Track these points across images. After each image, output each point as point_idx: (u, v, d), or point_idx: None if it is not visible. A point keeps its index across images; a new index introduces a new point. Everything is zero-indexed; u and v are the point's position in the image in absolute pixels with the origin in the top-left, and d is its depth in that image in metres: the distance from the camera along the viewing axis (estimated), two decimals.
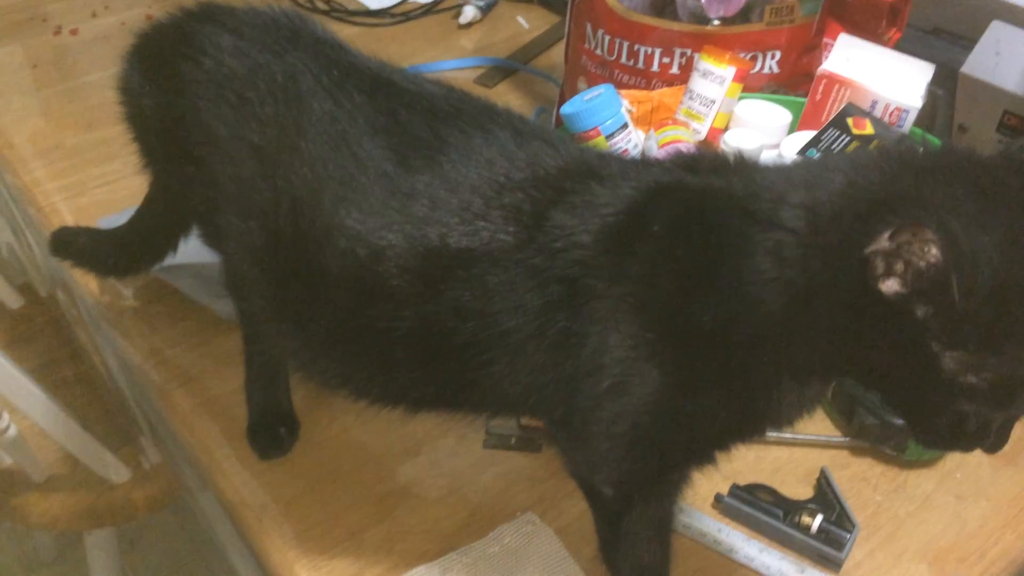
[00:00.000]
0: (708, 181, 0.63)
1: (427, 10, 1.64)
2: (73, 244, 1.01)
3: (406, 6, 1.65)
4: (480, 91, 1.21)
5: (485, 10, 1.63)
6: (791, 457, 0.92)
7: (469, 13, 1.60)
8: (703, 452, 0.67)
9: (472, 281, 0.65)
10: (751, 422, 0.65)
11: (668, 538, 0.74)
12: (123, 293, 1.10)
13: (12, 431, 1.27)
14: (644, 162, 0.71)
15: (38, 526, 1.43)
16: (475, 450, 0.93)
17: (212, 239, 0.86)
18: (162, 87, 0.79)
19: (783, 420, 0.66)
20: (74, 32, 1.57)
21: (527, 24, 1.63)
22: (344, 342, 0.72)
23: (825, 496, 0.87)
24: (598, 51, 1.14)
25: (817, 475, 0.89)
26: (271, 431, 0.92)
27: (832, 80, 1.02)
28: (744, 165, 0.64)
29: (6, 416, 1.26)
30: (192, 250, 1.06)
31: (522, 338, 0.64)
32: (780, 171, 0.62)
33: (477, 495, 0.89)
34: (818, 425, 0.95)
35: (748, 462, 0.91)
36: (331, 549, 0.84)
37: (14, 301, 1.62)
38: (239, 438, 0.93)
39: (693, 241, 0.61)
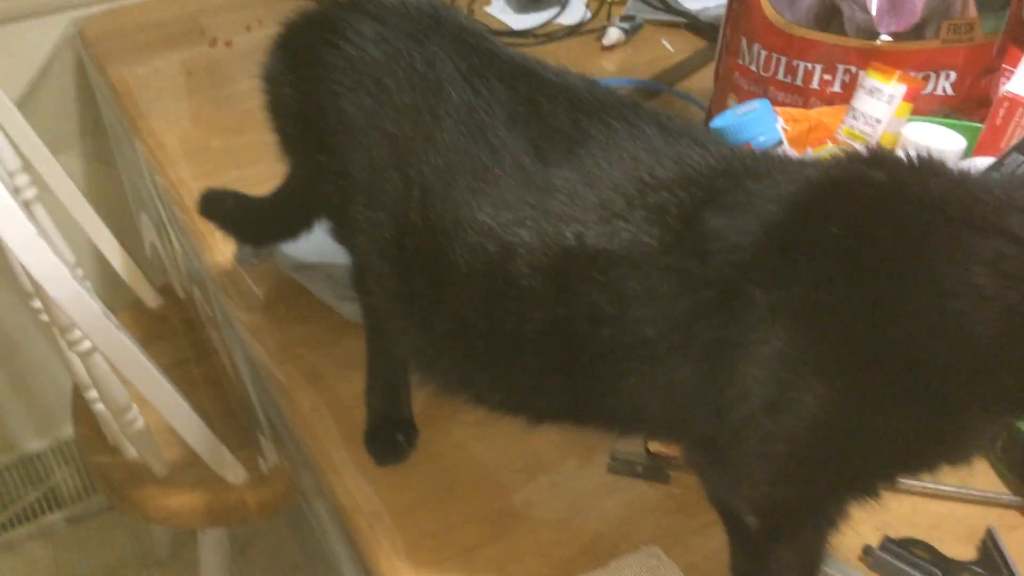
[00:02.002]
0: (898, 177, 0.56)
1: (571, 31, 1.62)
2: (220, 206, 1.02)
3: (550, 27, 1.63)
4: None
5: (630, 33, 1.59)
6: (951, 513, 0.83)
7: (613, 35, 1.57)
8: (866, 483, 0.59)
9: (610, 285, 0.60)
10: (926, 454, 0.57)
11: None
12: (254, 291, 1.10)
13: (140, 423, 1.29)
14: (804, 160, 0.65)
15: (156, 520, 1.45)
16: (598, 474, 0.88)
17: (341, 234, 0.84)
18: (303, 74, 0.78)
19: (961, 456, 0.58)
20: (228, 44, 1.61)
21: (672, 48, 1.58)
22: (468, 342, 0.69)
23: (991, 559, 0.77)
24: (752, 67, 1.08)
25: (982, 536, 0.79)
26: (389, 437, 0.89)
27: (1016, 103, 0.93)
28: (938, 165, 0.56)
29: (135, 408, 1.28)
30: (324, 251, 1.05)
31: (664, 349, 0.59)
32: (987, 175, 0.54)
33: (597, 522, 0.83)
34: (982, 479, 0.85)
35: (902, 514, 0.82)
36: (441, 564, 0.80)
37: (152, 300, 1.66)
38: (357, 442, 0.90)
39: (883, 244, 0.54)
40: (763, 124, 0.94)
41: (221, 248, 1.15)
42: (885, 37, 1.02)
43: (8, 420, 1.96)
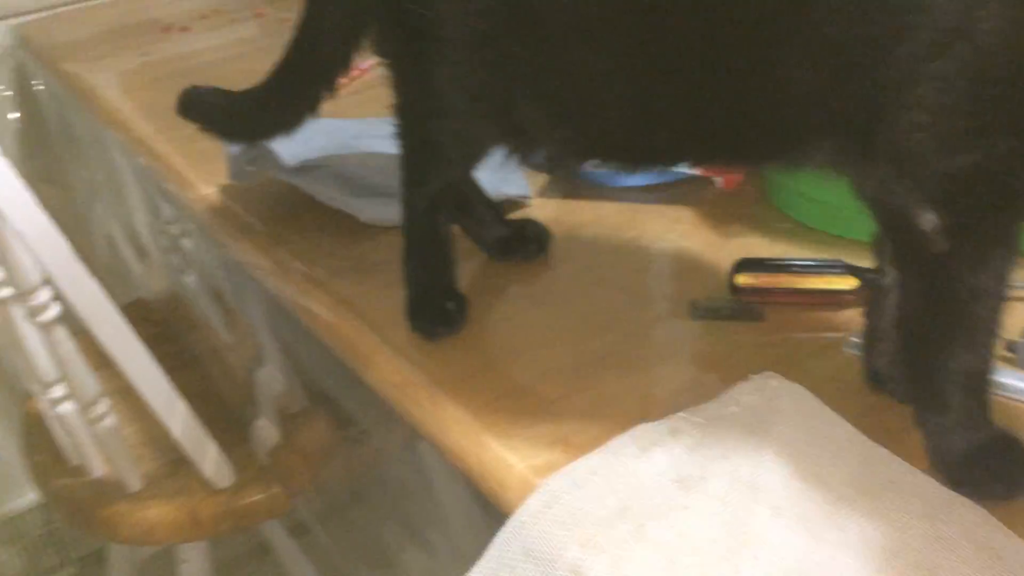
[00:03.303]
0: None
1: None
2: (202, 103, 0.90)
3: None
4: None
5: None
6: None
7: None
8: None
9: None
10: None
11: (999, 323, 0.56)
12: (248, 220, 0.98)
13: (110, 420, 1.14)
14: None
15: (130, 540, 1.27)
16: (681, 323, 0.77)
17: (393, 31, 0.72)
18: None
19: None
20: (185, 29, 1.54)
21: None
22: (587, 41, 0.59)
23: None
24: None
25: None
26: (437, 306, 0.76)
27: None
28: None
29: (105, 401, 1.13)
30: (326, 147, 0.95)
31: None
32: None
33: (693, 364, 0.72)
34: None
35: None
36: (524, 418, 0.67)
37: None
38: (392, 327, 0.78)
39: None
40: None
41: (209, 182, 1.03)
42: None
43: None
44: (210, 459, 1.20)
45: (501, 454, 0.64)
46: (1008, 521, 0.55)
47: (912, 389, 0.60)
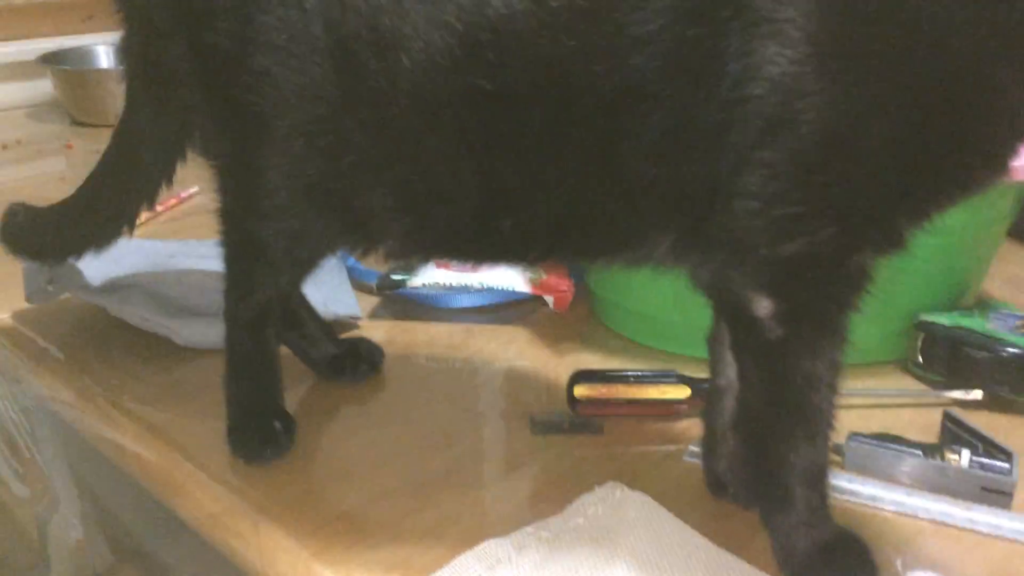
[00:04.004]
0: None
1: None
2: (8, 225, 0.82)
3: None
4: None
5: None
6: (898, 418, 0.77)
7: None
8: (891, 209, 0.52)
9: (598, 12, 0.51)
10: (952, 149, 0.50)
11: (833, 415, 0.57)
12: (44, 347, 0.89)
13: None
14: None
15: None
16: (522, 438, 0.74)
17: (219, 125, 0.68)
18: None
19: (1000, 157, 0.52)
20: None
21: None
22: (430, 130, 0.58)
23: (960, 436, 0.71)
24: None
25: (940, 424, 0.74)
26: (262, 427, 0.71)
27: None
28: None
29: None
30: (135, 265, 0.89)
31: (654, 76, 0.51)
32: None
33: (534, 478, 0.70)
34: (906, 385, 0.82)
35: (852, 425, 0.75)
36: (360, 543, 0.62)
37: None
38: (209, 454, 0.71)
39: None
40: None
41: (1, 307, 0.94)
42: None
43: None
44: None
45: None
46: None
47: (754, 486, 0.60)
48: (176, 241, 1.00)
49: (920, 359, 0.81)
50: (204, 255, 0.89)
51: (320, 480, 0.69)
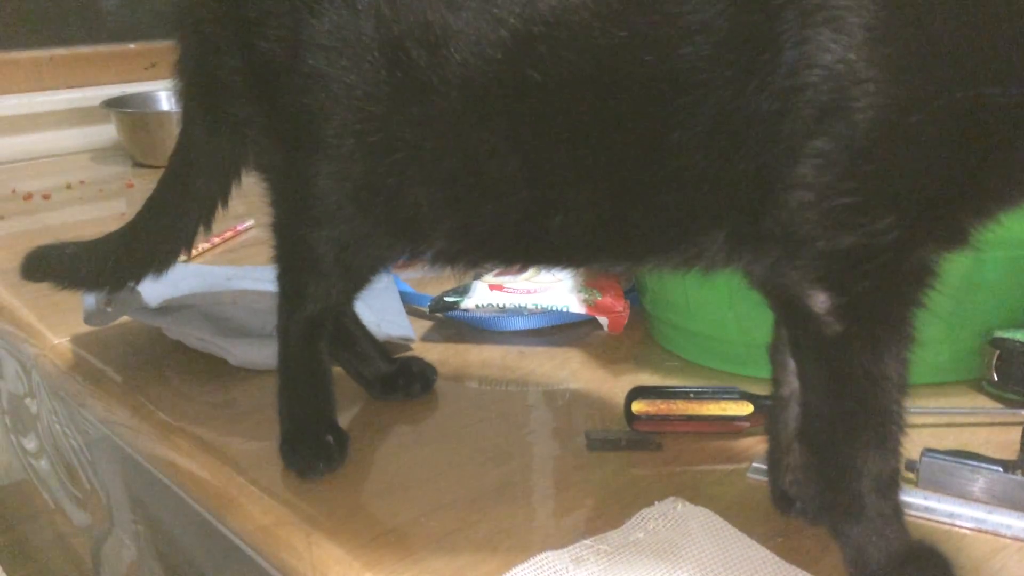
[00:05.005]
0: None
1: None
2: (51, 259, 0.82)
3: None
4: None
5: None
6: (973, 436, 0.74)
7: None
8: (951, 202, 0.50)
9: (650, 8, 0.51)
10: (1016, 136, 0.48)
11: (903, 414, 0.54)
12: (101, 368, 0.89)
13: None
14: None
15: None
16: (578, 454, 0.72)
17: (271, 136, 0.68)
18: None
19: None
20: (46, 197, 1.47)
21: None
22: (480, 124, 0.57)
23: None
24: None
25: (1017, 443, 0.70)
26: (315, 440, 0.70)
27: None
28: None
29: None
30: (190, 286, 0.89)
31: (706, 66, 0.50)
32: None
33: (593, 491, 0.68)
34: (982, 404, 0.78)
35: (924, 443, 0.72)
36: (415, 553, 0.60)
37: None
38: (261, 468, 0.70)
39: None
40: None
41: (61, 331, 0.95)
42: None
43: None
44: None
45: None
46: None
47: (822, 497, 0.57)
48: (234, 267, 1.01)
49: (995, 377, 0.78)
50: (260, 278, 0.89)
51: (372, 494, 0.67)
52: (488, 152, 0.57)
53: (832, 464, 0.55)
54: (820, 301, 0.51)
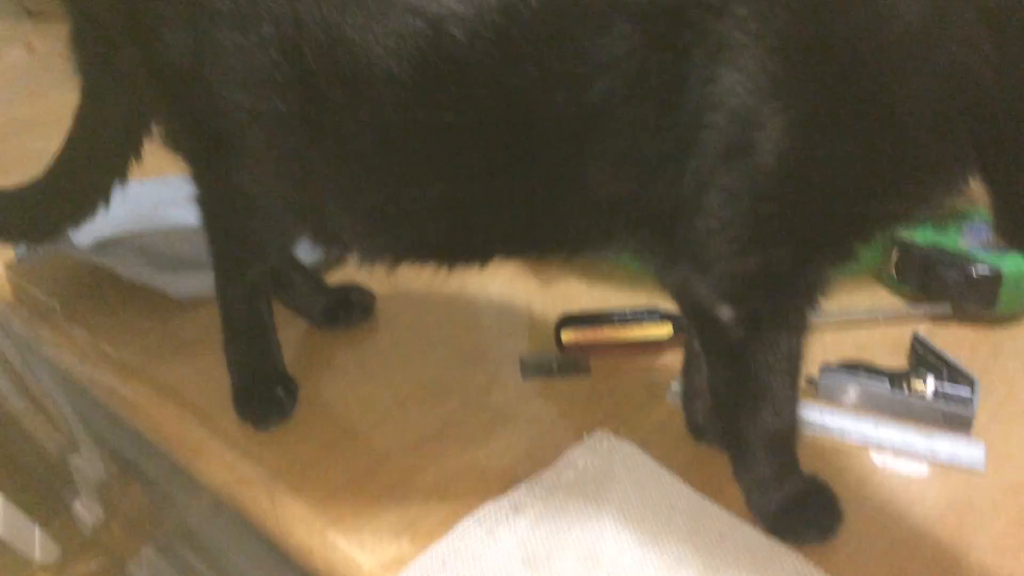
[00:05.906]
0: None
1: None
2: None
3: None
4: None
5: None
6: (870, 337, 0.81)
7: None
8: (842, 230, 0.54)
9: (560, 38, 0.51)
10: (900, 185, 0.52)
11: (797, 390, 0.60)
12: (44, 299, 0.91)
13: None
14: None
15: None
16: (513, 384, 0.78)
17: (184, 131, 0.68)
18: None
19: (939, 190, 0.53)
20: None
21: None
22: (396, 159, 0.58)
23: (926, 360, 0.75)
24: None
25: (909, 344, 0.78)
26: (266, 393, 0.74)
27: None
28: None
29: None
30: (124, 221, 0.89)
31: (620, 99, 0.51)
32: None
33: (529, 428, 0.74)
34: (882, 302, 0.85)
35: (826, 346, 0.79)
36: (370, 506, 0.67)
37: None
38: (220, 415, 0.75)
39: None
40: None
41: None
42: None
43: None
44: (35, 539, 1.13)
45: (349, 553, 0.64)
46: (826, 560, 0.60)
47: (727, 448, 0.65)
48: (157, 182, 0.99)
49: (895, 274, 0.84)
50: (187, 198, 0.89)
51: (327, 440, 0.73)
52: (405, 187, 0.57)
53: (733, 432, 0.62)
54: (725, 312, 0.56)
